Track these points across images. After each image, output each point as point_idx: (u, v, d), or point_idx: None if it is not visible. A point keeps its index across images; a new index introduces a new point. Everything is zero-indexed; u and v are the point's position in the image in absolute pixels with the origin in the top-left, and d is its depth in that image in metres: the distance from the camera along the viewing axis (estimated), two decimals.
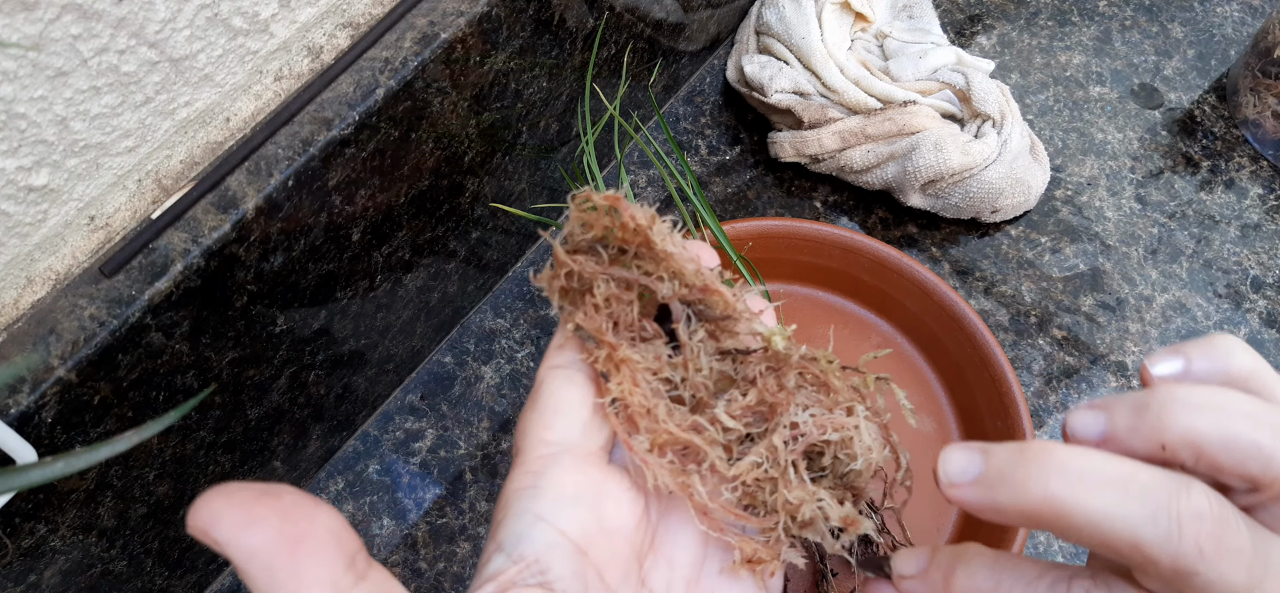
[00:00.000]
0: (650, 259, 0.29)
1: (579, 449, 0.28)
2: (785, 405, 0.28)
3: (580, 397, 0.28)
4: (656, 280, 0.29)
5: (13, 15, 0.32)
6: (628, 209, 0.28)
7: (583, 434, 0.28)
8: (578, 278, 0.29)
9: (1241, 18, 0.75)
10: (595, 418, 0.28)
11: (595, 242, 0.29)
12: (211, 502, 0.21)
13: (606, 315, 0.29)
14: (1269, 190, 0.67)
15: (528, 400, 0.29)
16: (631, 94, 0.65)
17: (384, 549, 0.54)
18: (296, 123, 0.43)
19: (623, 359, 0.28)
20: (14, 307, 0.39)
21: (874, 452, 0.29)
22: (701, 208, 0.57)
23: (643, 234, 0.28)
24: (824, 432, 0.28)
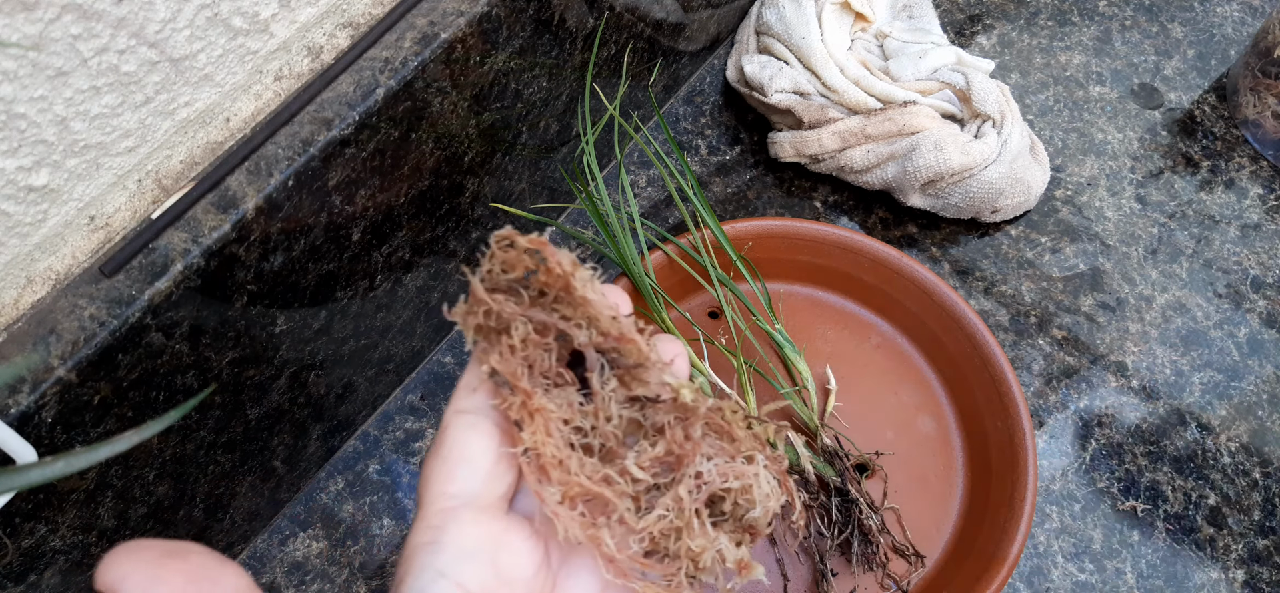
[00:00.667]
0: (569, 304, 0.29)
1: (479, 501, 0.28)
2: (691, 456, 0.29)
3: (484, 445, 0.28)
4: (574, 326, 0.29)
5: (13, 15, 0.32)
6: (553, 254, 0.29)
7: (484, 485, 0.28)
8: (496, 317, 0.29)
9: (1241, 18, 0.75)
10: (499, 467, 0.29)
11: (515, 282, 0.29)
12: (118, 562, 0.21)
13: (522, 359, 0.29)
14: (1269, 190, 0.67)
15: (432, 446, 0.29)
16: (631, 94, 0.65)
17: (384, 549, 0.54)
18: (296, 123, 0.43)
19: (537, 408, 0.29)
20: (14, 307, 0.39)
21: (772, 498, 0.30)
22: (701, 208, 0.57)
23: (564, 279, 0.29)
24: (726, 479, 0.29)
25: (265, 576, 0.54)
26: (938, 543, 0.53)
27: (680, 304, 0.58)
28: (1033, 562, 0.55)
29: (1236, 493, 0.57)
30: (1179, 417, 0.59)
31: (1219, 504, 0.56)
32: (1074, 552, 0.55)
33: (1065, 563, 0.55)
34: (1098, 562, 0.55)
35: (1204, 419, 0.59)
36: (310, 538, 0.55)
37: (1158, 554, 0.55)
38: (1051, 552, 0.55)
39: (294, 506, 0.55)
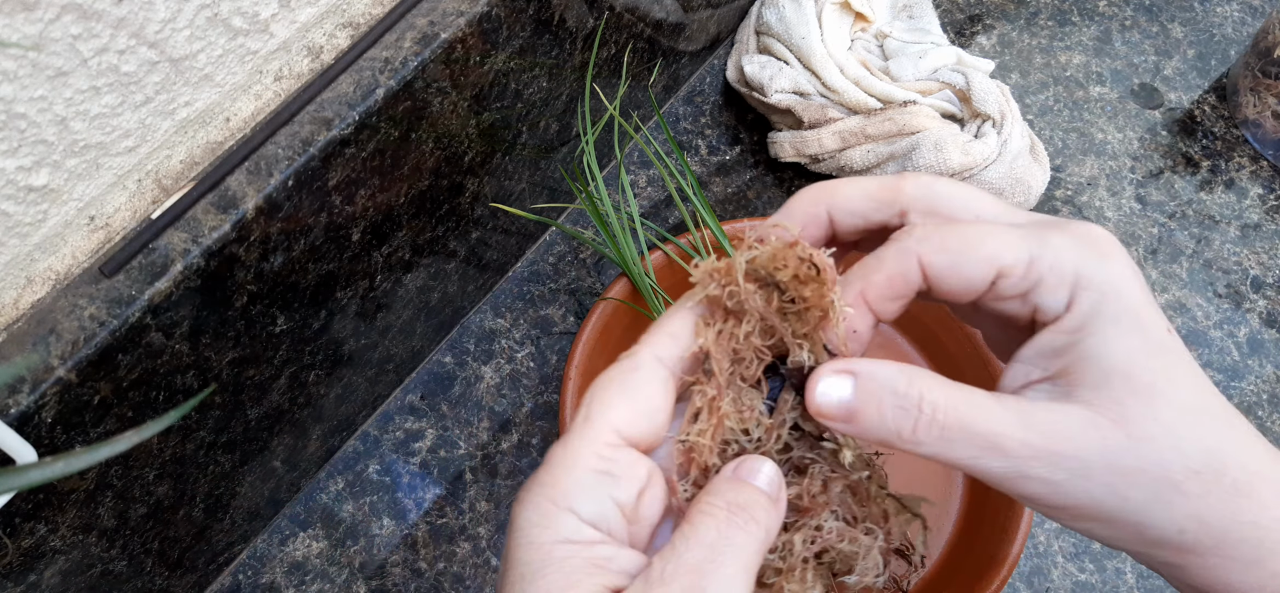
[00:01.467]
0: (802, 321, 0.29)
1: (643, 446, 0.29)
2: (819, 510, 0.29)
3: (666, 405, 0.29)
4: (797, 346, 0.29)
5: (13, 15, 0.32)
6: (831, 278, 0.29)
7: (654, 437, 0.29)
8: (736, 301, 0.29)
9: (1241, 18, 0.75)
10: (666, 426, 0.29)
11: (769, 277, 0.29)
12: None
13: (733, 351, 0.29)
14: (1269, 190, 0.67)
15: (617, 372, 0.29)
16: (631, 94, 0.65)
17: (384, 549, 0.54)
18: (296, 123, 0.43)
19: (720, 412, 0.29)
20: (14, 307, 0.39)
21: (868, 576, 0.30)
22: (701, 208, 0.57)
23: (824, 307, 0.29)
24: (840, 541, 0.29)
25: (265, 575, 0.54)
26: (938, 543, 0.53)
27: None
28: (1033, 562, 0.55)
29: None
30: None
31: None
32: (1074, 552, 0.55)
33: (1065, 563, 0.55)
34: (1098, 562, 0.55)
35: None
36: (310, 538, 0.55)
37: None
38: (1051, 552, 0.55)
39: (294, 506, 0.55)
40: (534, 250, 0.64)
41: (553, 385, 0.59)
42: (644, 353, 0.29)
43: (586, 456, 0.28)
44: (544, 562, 0.26)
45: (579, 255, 0.64)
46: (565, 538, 0.27)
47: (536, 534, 0.27)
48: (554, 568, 0.26)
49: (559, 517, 0.27)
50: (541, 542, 0.27)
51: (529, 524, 0.27)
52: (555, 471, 0.28)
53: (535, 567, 0.26)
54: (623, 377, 0.29)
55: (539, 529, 0.27)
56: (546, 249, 0.64)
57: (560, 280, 0.63)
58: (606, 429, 0.28)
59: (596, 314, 0.55)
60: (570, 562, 0.26)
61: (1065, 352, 0.27)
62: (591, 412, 0.28)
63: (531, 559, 0.27)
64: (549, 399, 0.59)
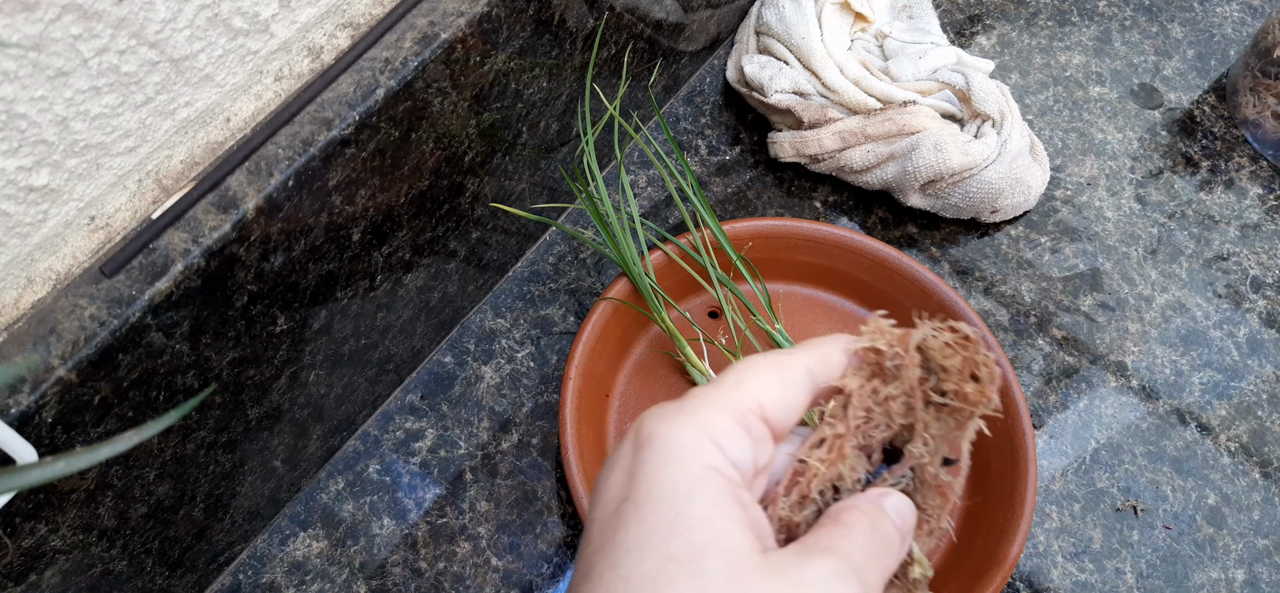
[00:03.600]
0: (940, 417, 0.30)
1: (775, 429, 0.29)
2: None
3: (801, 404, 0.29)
4: (923, 443, 0.30)
5: (13, 15, 0.32)
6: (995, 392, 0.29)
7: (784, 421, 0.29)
8: (896, 370, 0.29)
9: (1241, 18, 0.75)
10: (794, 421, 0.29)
11: (936, 363, 0.29)
12: None
13: (866, 411, 0.30)
14: (1269, 190, 0.67)
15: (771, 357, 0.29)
16: (631, 94, 0.65)
17: (384, 549, 0.54)
18: (297, 123, 0.43)
19: (839, 452, 0.29)
20: (14, 307, 0.39)
21: None
22: (701, 208, 0.57)
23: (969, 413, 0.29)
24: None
25: (265, 575, 0.54)
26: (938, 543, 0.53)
27: (680, 304, 0.58)
28: (1033, 562, 0.55)
29: (1236, 493, 0.57)
30: (1179, 417, 0.59)
31: (1219, 504, 0.56)
32: (1074, 552, 0.55)
33: (1065, 563, 0.55)
34: (1098, 562, 0.55)
35: (1204, 419, 0.59)
36: (310, 538, 0.55)
37: (1158, 554, 0.55)
38: (1051, 552, 0.55)
39: (294, 505, 0.55)
40: (534, 250, 0.64)
41: (553, 385, 0.59)
42: (798, 357, 0.29)
43: (734, 406, 0.28)
44: (696, 482, 0.26)
45: (579, 255, 0.64)
46: (716, 466, 0.27)
47: (685, 455, 0.27)
48: (707, 491, 0.26)
49: (708, 445, 0.27)
50: (691, 463, 0.26)
51: (676, 443, 0.27)
52: (704, 407, 0.28)
53: (685, 486, 0.26)
54: (775, 363, 0.29)
55: (687, 450, 0.27)
56: (546, 249, 0.64)
57: (560, 280, 0.63)
58: (752, 397, 0.28)
59: (596, 314, 0.55)
60: (723, 491, 0.26)
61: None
62: (744, 378, 0.29)
63: (680, 477, 0.26)
64: (549, 399, 0.59)
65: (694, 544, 0.25)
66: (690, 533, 0.25)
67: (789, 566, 0.26)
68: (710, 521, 0.25)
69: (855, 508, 0.28)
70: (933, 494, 0.30)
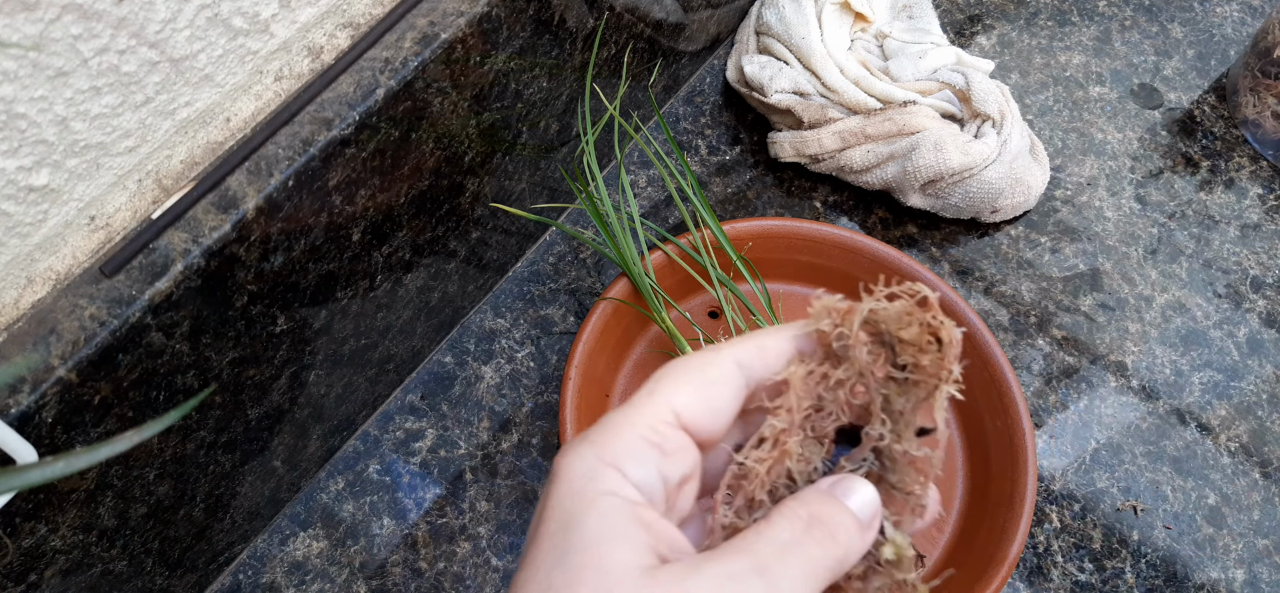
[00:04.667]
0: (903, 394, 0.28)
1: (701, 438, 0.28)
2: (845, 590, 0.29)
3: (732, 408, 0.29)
4: (881, 421, 0.28)
5: (13, 15, 0.32)
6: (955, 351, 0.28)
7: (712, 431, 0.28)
8: (844, 350, 0.28)
9: (1241, 18, 0.75)
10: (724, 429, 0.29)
11: (886, 332, 0.28)
12: None
13: (816, 396, 0.28)
14: (1269, 190, 0.67)
15: (691, 361, 0.29)
16: (631, 94, 0.65)
17: (384, 549, 0.54)
18: (297, 123, 0.43)
19: (783, 449, 0.28)
20: (14, 307, 0.39)
21: None
22: (701, 208, 0.57)
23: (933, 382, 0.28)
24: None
25: (265, 575, 0.54)
26: (938, 543, 0.53)
27: (680, 304, 0.58)
28: (1033, 562, 0.55)
29: (1236, 493, 0.57)
30: (1179, 417, 0.59)
31: (1219, 504, 0.56)
32: (1074, 552, 0.55)
33: (1065, 563, 0.55)
34: (1097, 562, 0.55)
35: (1204, 419, 0.59)
36: (310, 538, 0.55)
37: (1158, 554, 0.55)
38: (1051, 552, 0.55)
39: (294, 505, 0.55)
40: (534, 250, 0.64)
41: (553, 385, 0.59)
42: (726, 352, 0.29)
43: (641, 424, 0.27)
44: (587, 507, 0.26)
45: (579, 255, 0.64)
46: (610, 490, 0.26)
47: (580, 484, 0.26)
48: (596, 514, 0.26)
49: (605, 472, 0.27)
50: (586, 491, 0.26)
51: (573, 474, 0.27)
52: (606, 431, 0.27)
53: (577, 513, 0.26)
54: (697, 365, 0.28)
55: (583, 479, 0.26)
56: (546, 249, 0.64)
57: (560, 280, 0.63)
58: (666, 407, 0.28)
59: (596, 314, 0.55)
60: (614, 511, 0.26)
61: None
62: (656, 388, 0.28)
63: (573, 506, 0.26)
64: (549, 399, 0.59)
65: (571, 569, 0.25)
66: (572, 557, 0.25)
67: (675, 575, 0.25)
68: (591, 544, 0.26)
69: (791, 501, 0.28)
70: (907, 471, 0.29)
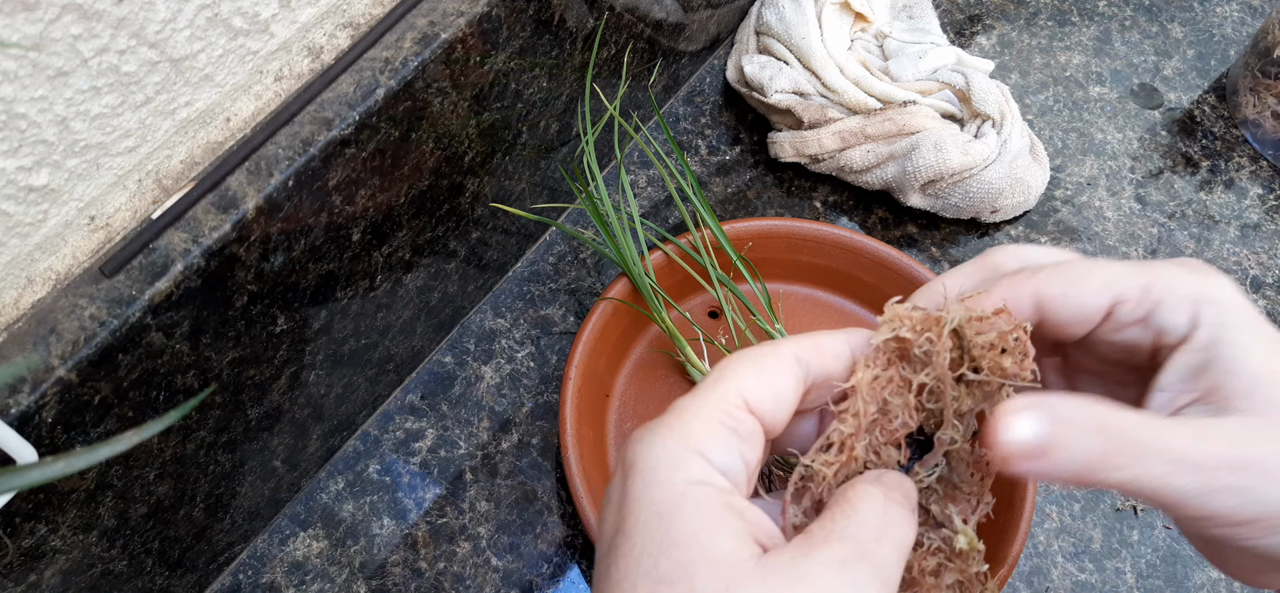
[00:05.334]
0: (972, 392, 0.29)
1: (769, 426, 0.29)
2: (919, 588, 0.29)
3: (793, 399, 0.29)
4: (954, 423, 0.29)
5: (13, 15, 0.32)
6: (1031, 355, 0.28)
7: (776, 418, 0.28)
8: (927, 353, 0.29)
9: (1241, 18, 0.75)
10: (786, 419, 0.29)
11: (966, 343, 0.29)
12: None
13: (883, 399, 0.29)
14: (1269, 190, 0.67)
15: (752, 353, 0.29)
16: (631, 94, 0.65)
17: (384, 549, 0.54)
18: (297, 123, 0.43)
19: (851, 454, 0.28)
20: (14, 307, 0.39)
21: None
22: (701, 208, 0.57)
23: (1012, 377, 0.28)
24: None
25: (265, 575, 0.54)
26: None
27: (680, 304, 0.58)
28: (1033, 562, 0.55)
29: None
30: None
31: None
32: (1074, 552, 0.55)
33: (1065, 563, 0.55)
34: (1098, 562, 0.55)
35: None
36: (310, 538, 0.55)
37: (1158, 554, 0.55)
38: (1051, 552, 0.55)
39: (294, 505, 0.55)
40: (534, 250, 0.64)
41: (553, 385, 0.59)
42: (785, 346, 0.29)
43: (716, 408, 0.27)
44: (679, 500, 0.26)
45: (579, 255, 0.64)
46: (700, 479, 0.26)
47: (666, 473, 0.26)
48: (691, 507, 0.26)
49: (690, 458, 0.26)
50: (673, 481, 0.26)
51: (658, 463, 0.26)
52: (684, 417, 0.27)
53: (669, 506, 0.26)
54: (757, 355, 0.29)
55: (669, 469, 0.26)
56: (546, 249, 0.64)
57: (560, 280, 0.63)
58: (735, 392, 0.28)
59: (596, 314, 0.55)
60: (708, 502, 0.26)
61: (1205, 369, 0.27)
62: (723, 375, 0.28)
63: (662, 497, 0.26)
64: (549, 399, 0.59)
65: (682, 563, 0.25)
66: (677, 552, 0.25)
67: (786, 563, 0.25)
68: (697, 535, 0.25)
69: (862, 482, 0.28)
70: (971, 472, 0.29)
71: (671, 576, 0.25)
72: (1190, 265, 0.28)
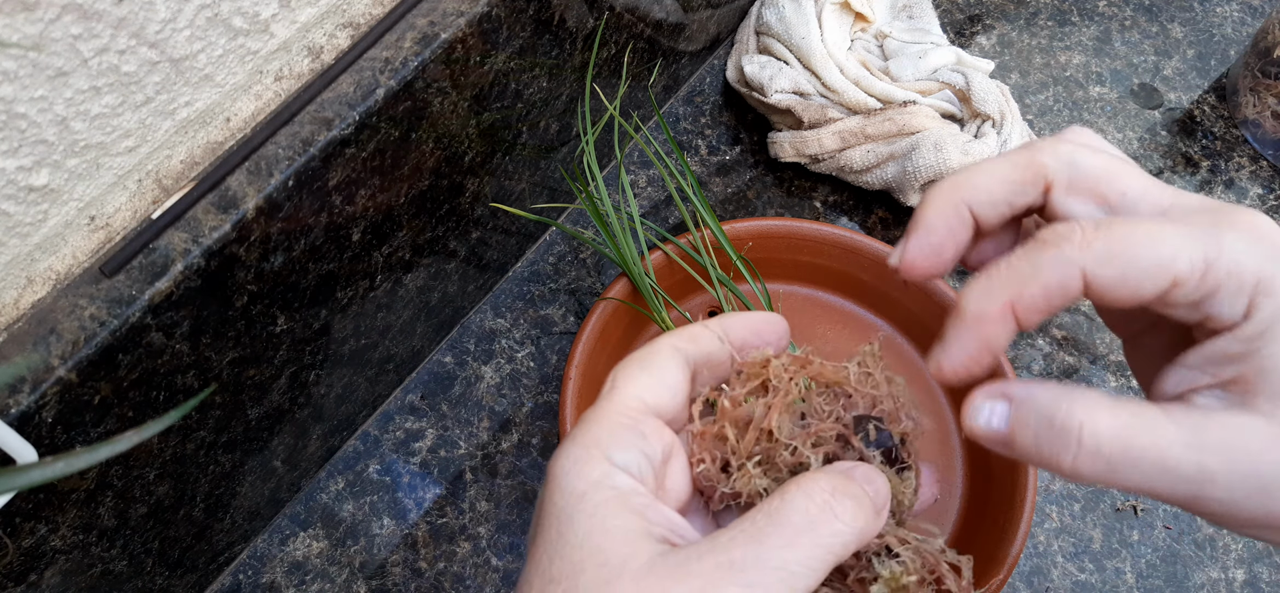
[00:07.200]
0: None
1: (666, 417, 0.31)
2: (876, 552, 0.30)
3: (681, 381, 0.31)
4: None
5: (13, 15, 0.32)
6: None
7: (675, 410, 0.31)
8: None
9: (1241, 18, 0.75)
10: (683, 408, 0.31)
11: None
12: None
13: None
14: (1269, 190, 0.67)
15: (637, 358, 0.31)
16: (631, 94, 0.65)
17: (384, 549, 0.54)
18: (297, 123, 0.43)
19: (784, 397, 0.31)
20: (14, 307, 0.39)
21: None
22: (701, 208, 0.57)
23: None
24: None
25: (265, 575, 0.54)
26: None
27: (680, 304, 0.58)
28: (1033, 562, 0.55)
29: None
30: None
31: None
32: (1074, 552, 0.55)
33: (1065, 563, 0.55)
34: (1098, 562, 0.55)
35: None
36: (310, 538, 0.55)
37: (1157, 554, 0.55)
38: (1051, 552, 0.55)
39: (294, 505, 0.55)
40: (534, 250, 0.64)
41: (553, 385, 0.59)
42: (665, 342, 0.31)
43: (615, 413, 0.29)
44: (577, 501, 0.27)
45: (579, 255, 0.64)
46: (598, 481, 0.27)
47: (569, 480, 0.28)
48: (587, 508, 0.27)
49: (592, 461, 0.28)
50: (575, 487, 0.27)
51: (563, 472, 0.28)
52: (587, 426, 0.29)
53: (569, 507, 0.27)
54: (644, 358, 0.31)
55: (573, 475, 0.28)
56: (546, 249, 0.64)
57: (560, 280, 0.63)
58: (631, 397, 0.29)
59: (596, 314, 0.55)
60: (604, 503, 0.27)
61: (1241, 359, 0.26)
62: (616, 384, 0.30)
63: (564, 502, 0.27)
64: (549, 399, 0.59)
65: (571, 563, 0.26)
66: (568, 552, 0.26)
67: (677, 562, 0.26)
68: (588, 535, 0.26)
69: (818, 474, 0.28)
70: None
71: (560, 575, 0.26)
72: (1257, 234, 0.25)
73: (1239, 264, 0.25)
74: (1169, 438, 0.25)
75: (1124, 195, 0.27)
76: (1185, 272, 0.25)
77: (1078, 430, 0.26)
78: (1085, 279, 0.26)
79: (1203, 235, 0.25)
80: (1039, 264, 0.26)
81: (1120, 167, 0.28)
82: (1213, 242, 0.25)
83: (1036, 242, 0.26)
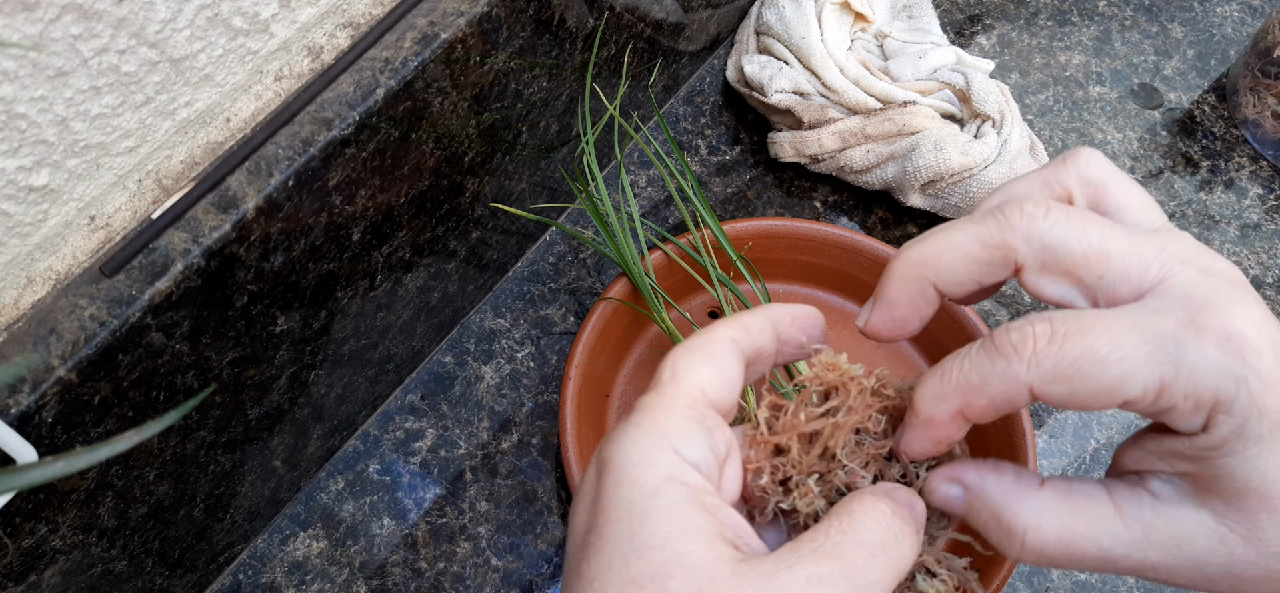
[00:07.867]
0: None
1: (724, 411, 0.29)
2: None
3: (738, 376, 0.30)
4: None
5: (13, 15, 0.32)
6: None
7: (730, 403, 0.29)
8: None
9: (1241, 18, 0.75)
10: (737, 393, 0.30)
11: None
12: None
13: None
14: (1269, 190, 0.67)
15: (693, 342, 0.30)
16: (631, 94, 0.65)
17: (384, 549, 0.54)
18: (297, 123, 0.43)
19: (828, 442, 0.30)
20: (14, 307, 0.39)
21: None
22: (701, 208, 0.57)
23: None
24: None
25: (265, 575, 0.54)
26: None
27: (680, 304, 0.58)
28: None
29: None
30: None
31: None
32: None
33: None
34: None
35: None
36: (310, 538, 0.55)
37: None
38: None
39: (294, 505, 0.55)
40: (534, 250, 0.64)
41: (553, 385, 0.59)
42: (721, 331, 0.29)
43: (682, 403, 0.28)
44: (652, 497, 0.26)
45: (579, 255, 0.64)
46: (671, 476, 0.26)
47: (640, 470, 0.26)
48: (664, 506, 0.26)
49: (663, 455, 0.26)
50: (647, 478, 0.26)
51: (630, 462, 0.26)
52: (653, 414, 0.27)
53: (642, 504, 0.26)
54: (703, 347, 0.29)
55: (642, 467, 0.26)
56: (546, 249, 0.64)
57: (560, 280, 0.63)
58: (695, 388, 0.28)
59: (596, 314, 0.55)
60: (682, 502, 0.26)
61: (1198, 461, 0.25)
62: (677, 371, 0.28)
63: (635, 495, 0.26)
64: (549, 399, 0.59)
65: (655, 565, 0.25)
66: (650, 553, 0.25)
67: (766, 573, 0.25)
68: (670, 537, 0.25)
69: (870, 494, 0.27)
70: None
71: (643, 578, 0.25)
72: (1226, 342, 0.24)
73: (1197, 385, 0.24)
74: (1114, 538, 0.26)
75: (1101, 280, 0.26)
76: (1136, 395, 0.25)
77: (1021, 536, 0.27)
78: (1033, 394, 0.26)
79: (1161, 353, 0.24)
80: (988, 377, 0.26)
81: (1100, 241, 0.27)
82: (1171, 361, 0.24)
83: (991, 348, 0.26)
